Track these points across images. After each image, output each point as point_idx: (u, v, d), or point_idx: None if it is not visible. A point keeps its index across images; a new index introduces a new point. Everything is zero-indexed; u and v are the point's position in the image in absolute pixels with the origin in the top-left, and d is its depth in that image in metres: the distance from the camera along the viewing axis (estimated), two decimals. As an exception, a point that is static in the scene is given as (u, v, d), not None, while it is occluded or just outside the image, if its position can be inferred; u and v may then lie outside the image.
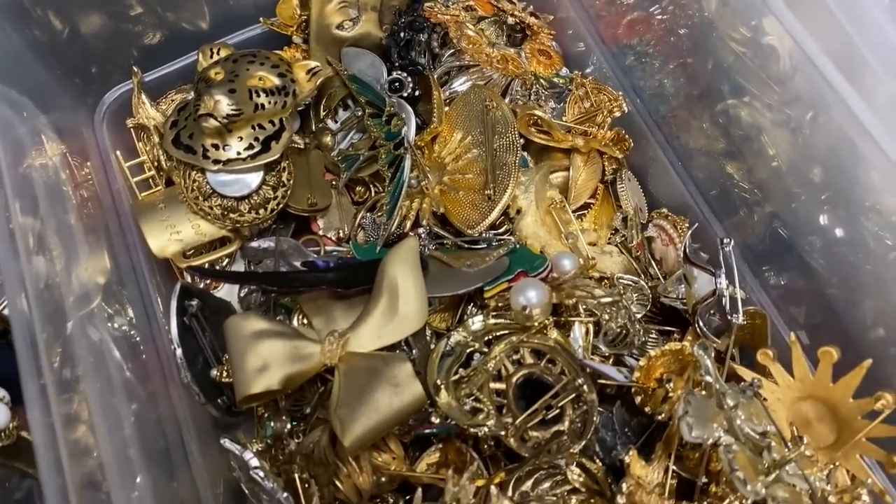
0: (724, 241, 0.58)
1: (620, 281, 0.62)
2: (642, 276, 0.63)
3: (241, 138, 0.60)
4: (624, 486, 0.48)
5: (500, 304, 0.60)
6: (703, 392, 0.52)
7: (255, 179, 0.61)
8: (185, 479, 0.57)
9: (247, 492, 0.55)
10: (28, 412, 0.47)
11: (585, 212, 0.68)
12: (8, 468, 0.62)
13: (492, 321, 0.59)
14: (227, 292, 0.63)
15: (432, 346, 0.58)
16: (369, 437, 0.51)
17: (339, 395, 0.52)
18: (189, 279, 0.62)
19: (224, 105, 0.59)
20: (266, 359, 0.53)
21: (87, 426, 0.50)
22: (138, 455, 0.52)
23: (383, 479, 0.53)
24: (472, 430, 0.53)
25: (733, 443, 0.49)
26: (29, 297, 0.50)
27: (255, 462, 0.51)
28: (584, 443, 0.52)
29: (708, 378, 0.52)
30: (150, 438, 0.55)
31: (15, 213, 0.53)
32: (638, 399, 0.56)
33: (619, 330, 0.59)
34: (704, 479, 0.51)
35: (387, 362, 0.52)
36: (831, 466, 0.52)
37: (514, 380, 0.55)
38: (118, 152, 0.66)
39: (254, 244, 0.63)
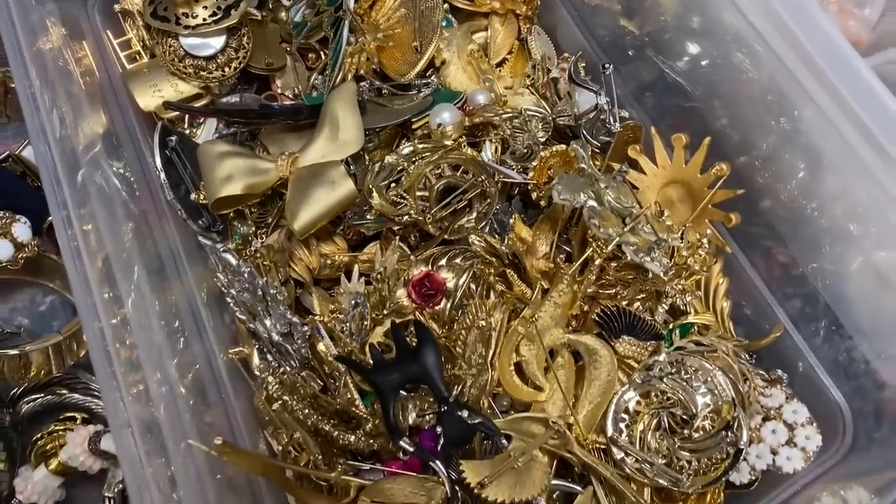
0: (605, 66, 0.71)
1: (527, 111, 0.74)
2: (547, 109, 0.75)
3: (206, 7, 0.73)
4: (506, 238, 0.61)
5: (425, 133, 0.73)
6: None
7: (219, 42, 0.74)
8: (177, 286, 0.71)
9: (222, 288, 0.69)
10: (58, 234, 0.60)
11: (503, 66, 0.80)
12: (32, 284, 0.76)
13: (419, 146, 0.72)
14: (203, 139, 0.76)
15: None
16: (313, 223, 0.64)
17: (290, 195, 0.65)
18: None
19: (189, -22, 0.72)
20: (231, 171, 0.66)
21: (99, 244, 0.64)
22: (138, 264, 0.66)
23: (328, 261, 0.66)
24: (398, 220, 0.66)
25: (597, 205, 0.61)
26: (50, 143, 0.64)
27: (222, 248, 0.64)
28: (485, 223, 0.65)
29: (583, 165, 0.65)
30: (147, 252, 0.69)
31: (33, 80, 0.66)
32: (534, 195, 0.68)
33: (524, 150, 0.72)
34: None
35: (325, 167, 0.65)
36: (684, 228, 0.64)
37: (435, 187, 0.68)
38: (108, 32, 0.79)
39: (223, 100, 0.76)
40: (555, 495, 0.62)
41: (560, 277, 0.60)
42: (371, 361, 0.60)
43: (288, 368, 0.63)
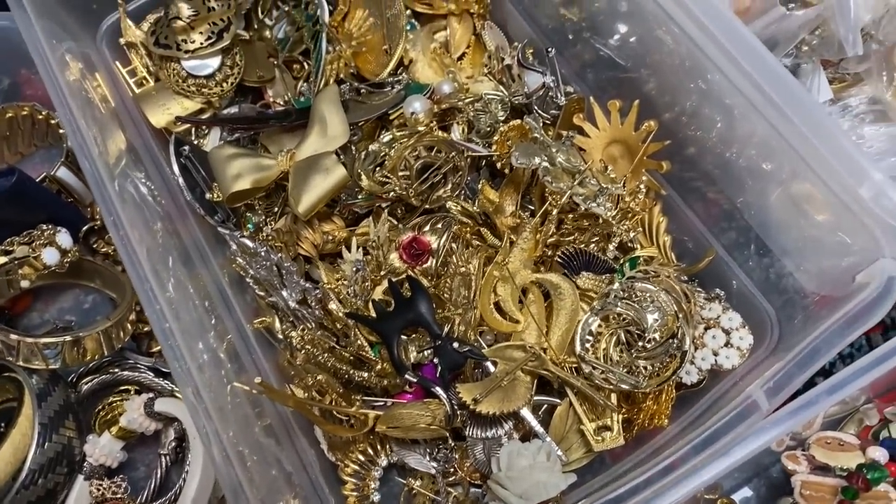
0: (548, 50, 0.83)
1: (486, 95, 0.86)
2: (504, 91, 0.87)
3: (202, 32, 0.84)
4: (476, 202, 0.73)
5: (401, 122, 0.84)
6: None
7: (215, 62, 0.85)
8: (204, 272, 0.82)
9: (240, 271, 0.80)
10: (112, 232, 0.71)
11: (463, 59, 0.92)
12: (75, 286, 0.88)
13: (397, 133, 0.84)
14: (211, 146, 0.87)
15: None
16: (314, 205, 0.75)
17: (291, 184, 0.77)
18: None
19: (185, 9, 0.83)
20: (239, 170, 0.78)
21: (140, 240, 0.75)
22: (171, 256, 0.77)
23: (330, 237, 0.78)
24: (385, 197, 0.78)
25: (550, 166, 0.73)
26: (93, 159, 0.75)
27: (240, 235, 0.76)
28: (459, 191, 0.77)
29: (536, 135, 0.77)
30: (176, 246, 0.80)
31: (67, 106, 0.77)
32: (498, 164, 0.80)
33: (487, 128, 0.83)
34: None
35: (319, 158, 0.77)
36: (625, 178, 0.76)
37: (414, 166, 0.80)
38: (117, 62, 0.90)
39: (224, 111, 0.88)
40: (541, 410, 0.74)
41: (523, 227, 0.72)
42: (375, 314, 0.72)
43: (307, 328, 0.75)
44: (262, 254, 0.76)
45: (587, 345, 0.71)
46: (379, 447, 0.73)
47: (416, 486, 0.73)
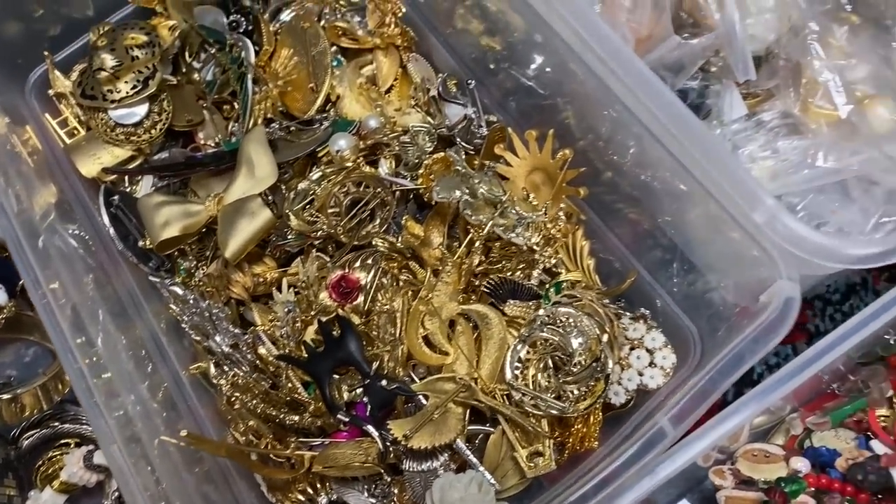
0: (468, 82, 0.85)
1: (413, 128, 0.87)
2: (430, 123, 0.88)
3: (127, 81, 0.85)
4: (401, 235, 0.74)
5: (329, 159, 0.85)
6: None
7: (143, 109, 0.86)
8: (139, 321, 0.83)
9: (176, 317, 0.81)
10: (30, 294, 0.72)
11: (391, 92, 0.93)
12: (15, 340, 0.88)
13: (326, 171, 0.85)
14: (142, 193, 0.88)
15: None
16: (241, 249, 0.76)
17: (219, 229, 0.78)
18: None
19: (108, 60, 0.84)
20: (167, 217, 0.79)
21: (66, 296, 0.76)
22: (102, 308, 0.78)
23: (261, 279, 0.79)
24: (315, 235, 0.79)
25: (471, 198, 0.75)
26: (10, 218, 0.76)
27: (170, 283, 0.77)
28: (386, 226, 0.79)
29: (458, 167, 0.78)
30: (108, 297, 0.81)
31: None
32: (425, 197, 0.82)
33: (416, 160, 0.85)
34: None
35: (245, 201, 0.78)
36: (546, 205, 0.77)
37: (343, 203, 0.81)
38: (47, 114, 0.91)
39: (155, 157, 0.89)
40: (477, 440, 0.75)
41: (445, 261, 0.73)
42: (306, 355, 0.73)
43: (240, 373, 0.76)
44: (192, 301, 0.77)
45: (516, 372, 0.73)
46: (319, 486, 0.74)
47: (357, 523, 0.74)
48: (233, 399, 0.71)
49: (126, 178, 0.87)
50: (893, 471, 0.62)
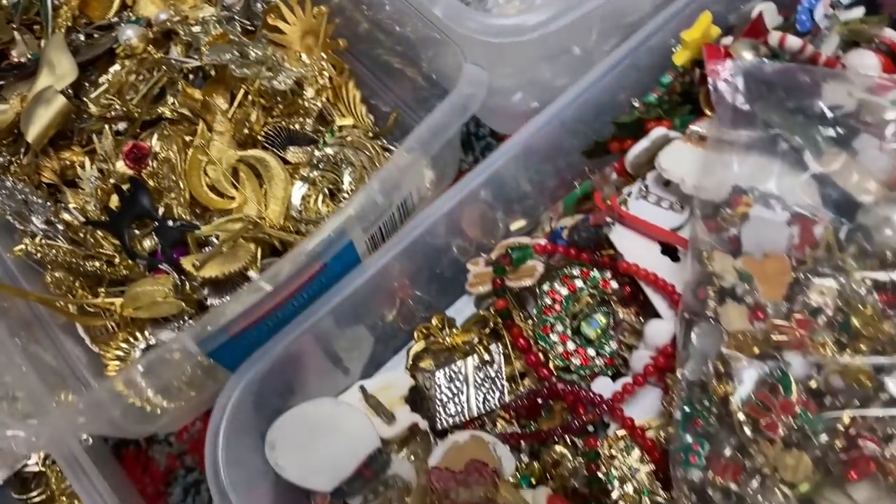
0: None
1: (203, 17, 0.95)
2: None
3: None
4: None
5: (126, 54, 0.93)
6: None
7: (-52, 29, 0.93)
8: None
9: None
10: None
11: None
12: None
13: (125, 62, 0.92)
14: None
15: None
16: (42, 133, 0.83)
17: (23, 120, 0.85)
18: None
19: None
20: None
21: None
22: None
23: (69, 163, 0.87)
24: (111, 115, 0.87)
25: (241, 58, 0.83)
26: None
27: None
28: (174, 100, 0.87)
29: (232, 37, 0.86)
30: None
31: None
32: (211, 72, 0.90)
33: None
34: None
35: (42, 92, 0.85)
36: (315, 59, 0.86)
37: (141, 90, 0.89)
38: None
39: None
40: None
41: (214, 112, 0.82)
42: (107, 217, 0.81)
43: (58, 244, 0.83)
44: (8, 186, 0.84)
45: (301, 205, 0.82)
46: (138, 333, 0.82)
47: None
48: (46, 257, 0.79)
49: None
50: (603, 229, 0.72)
